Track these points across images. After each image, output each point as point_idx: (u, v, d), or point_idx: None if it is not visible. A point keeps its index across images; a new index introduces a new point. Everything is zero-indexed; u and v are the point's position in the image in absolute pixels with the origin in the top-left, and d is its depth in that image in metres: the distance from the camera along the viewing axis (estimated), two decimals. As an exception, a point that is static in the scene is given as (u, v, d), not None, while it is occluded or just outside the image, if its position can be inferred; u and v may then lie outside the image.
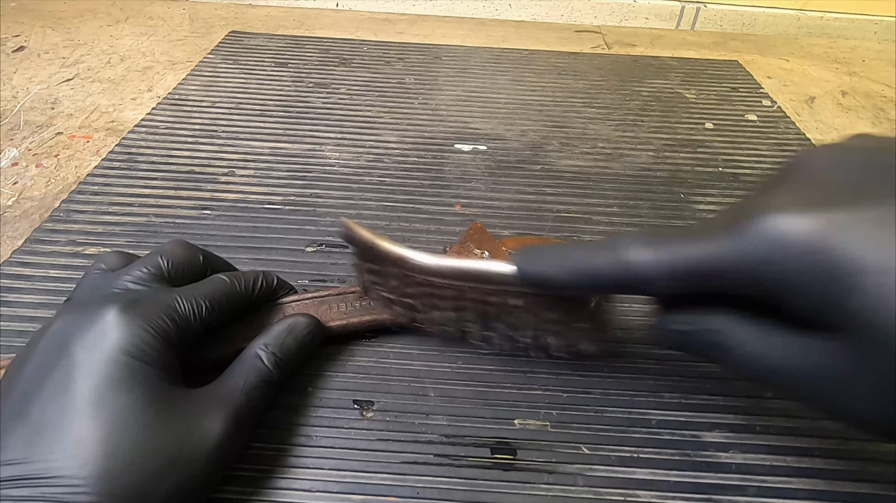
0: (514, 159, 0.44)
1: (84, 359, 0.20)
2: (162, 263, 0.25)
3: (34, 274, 0.32)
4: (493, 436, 0.25)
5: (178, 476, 0.19)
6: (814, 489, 0.23)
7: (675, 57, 0.63)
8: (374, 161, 0.43)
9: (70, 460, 0.18)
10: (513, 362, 0.28)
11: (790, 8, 0.71)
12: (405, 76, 0.56)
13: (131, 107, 0.50)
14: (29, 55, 0.58)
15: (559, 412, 0.26)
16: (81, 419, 0.19)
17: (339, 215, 0.37)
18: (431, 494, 0.23)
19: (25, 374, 0.20)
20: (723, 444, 0.25)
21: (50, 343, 0.21)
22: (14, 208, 0.38)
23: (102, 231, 0.35)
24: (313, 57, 0.58)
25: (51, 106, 0.50)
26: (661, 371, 0.28)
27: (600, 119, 0.50)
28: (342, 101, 0.51)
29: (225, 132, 0.45)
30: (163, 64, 0.58)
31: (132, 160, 0.42)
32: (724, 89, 0.56)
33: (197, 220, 0.36)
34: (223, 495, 0.22)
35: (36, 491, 0.17)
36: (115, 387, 0.19)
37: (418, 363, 0.28)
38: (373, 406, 0.26)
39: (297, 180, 0.40)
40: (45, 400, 0.19)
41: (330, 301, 0.28)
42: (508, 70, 0.58)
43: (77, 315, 0.21)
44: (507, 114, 0.50)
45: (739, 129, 0.49)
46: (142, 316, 0.21)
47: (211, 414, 0.21)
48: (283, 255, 0.34)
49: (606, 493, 0.23)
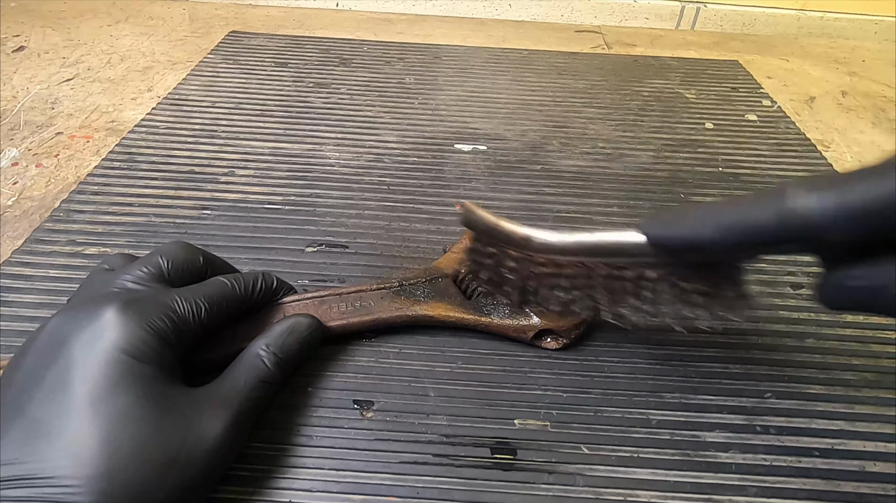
0: (514, 159, 0.44)
1: (81, 357, 0.20)
2: (162, 263, 0.25)
3: (34, 274, 0.32)
4: (493, 436, 0.25)
5: (178, 475, 0.19)
6: (814, 489, 0.23)
7: (675, 57, 0.63)
8: (374, 161, 0.43)
9: (68, 460, 0.18)
10: (513, 362, 0.28)
11: (790, 8, 0.71)
12: (405, 76, 0.56)
13: (131, 107, 0.50)
14: (29, 55, 0.58)
15: (559, 412, 0.26)
16: (79, 418, 0.19)
17: (339, 215, 0.37)
18: (431, 494, 0.23)
19: (23, 373, 0.20)
20: (723, 444, 0.25)
21: (47, 341, 0.21)
22: (14, 208, 0.38)
23: (102, 231, 0.35)
24: (313, 57, 0.58)
25: (51, 106, 0.50)
26: (661, 371, 0.28)
27: (600, 119, 0.50)
28: (342, 101, 0.51)
29: (225, 132, 0.45)
30: (163, 64, 0.58)
31: (132, 160, 0.42)
32: (724, 89, 0.56)
33: (197, 220, 0.36)
34: (224, 495, 0.22)
35: (33, 491, 0.17)
36: (113, 387, 0.19)
37: (418, 363, 0.28)
38: (373, 406, 0.26)
39: (298, 180, 0.40)
40: (43, 398, 0.19)
41: (330, 301, 0.28)
42: (508, 70, 0.58)
43: (74, 313, 0.21)
44: (507, 114, 0.50)
45: (739, 129, 0.49)
46: (140, 315, 0.21)
47: (210, 413, 0.21)
48: (283, 255, 0.34)
49: (606, 493, 0.23)
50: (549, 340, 0.28)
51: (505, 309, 0.28)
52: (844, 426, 0.26)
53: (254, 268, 0.32)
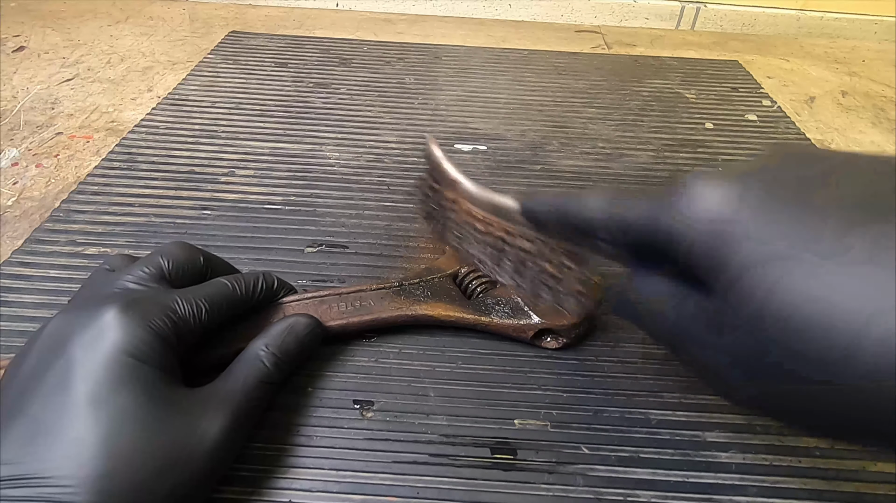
0: (514, 159, 0.44)
1: (82, 358, 0.20)
2: (163, 264, 0.25)
3: (34, 274, 0.32)
4: (493, 436, 0.25)
5: (178, 475, 0.19)
6: (814, 489, 0.23)
7: (675, 57, 0.63)
8: (374, 161, 0.43)
9: (68, 460, 0.18)
10: (513, 362, 0.28)
11: (790, 8, 0.71)
12: (405, 76, 0.56)
13: (131, 107, 0.50)
14: (29, 55, 0.58)
15: (559, 412, 0.26)
16: (80, 419, 0.19)
17: (339, 215, 0.37)
18: (431, 494, 0.23)
19: (23, 373, 0.20)
20: (723, 444, 0.25)
21: (48, 342, 0.21)
22: (14, 208, 0.38)
23: (102, 231, 0.35)
24: (313, 57, 0.58)
25: (51, 106, 0.50)
26: (661, 371, 0.28)
27: (600, 119, 0.50)
28: (342, 101, 0.51)
29: (225, 132, 0.45)
30: (163, 64, 0.58)
31: (132, 160, 0.42)
32: (724, 89, 0.56)
33: (197, 220, 0.36)
34: (224, 495, 0.22)
35: (34, 491, 0.17)
36: (114, 387, 0.19)
37: (418, 363, 0.28)
38: (373, 406, 0.26)
39: (298, 180, 0.40)
40: (43, 399, 0.19)
41: (330, 301, 0.28)
42: (508, 70, 0.58)
43: (76, 314, 0.21)
44: (507, 114, 0.50)
45: (739, 129, 0.49)
46: (141, 315, 0.21)
47: (210, 413, 0.21)
48: (283, 255, 0.34)
49: (606, 493, 0.23)
50: (549, 340, 0.28)
51: (505, 309, 0.28)
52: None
53: (254, 269, 0.32)
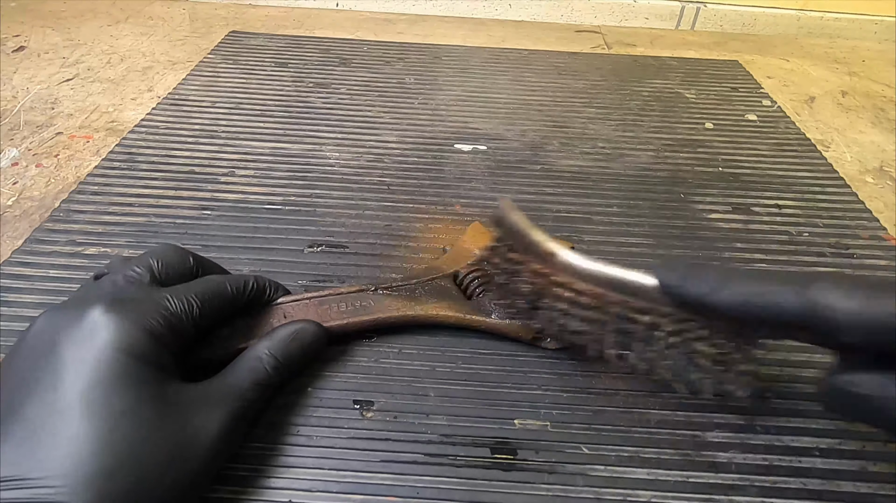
0: (514, 159, 0.44)
1: (73, 357, 0.20)
2: (153, 264, 0.25)
3: (34, 274, 0.32)
4: (493, 436, 0.25)
5: (175, 473, 0.19)
6: (814, 489, 0.23)
7: (675, 57, 0.63)
8: (374, 161, 0.43)
9: (64, 460, 0.18)
10: (513, 362, 0.28)
11: (790, 8, 0.71)
12: (405, 76, 0.56)
13: (131, 107, 0.50)
14: (29, 55, 0.58)
15: (559, 412, 0.26)
16: (74, 418, 0.18)
17: (339, 215, 0.37)
18: (431, 494, 0.23)
19: (14, 374, 0.20)
20: (723, 444, 0.25)
21: (36, 342, 0.20)
22: (14, 208, 0.38)
23: (102, 231, 0.35)
24: (313, 57, 0.58)
25: (51, 106, 0.50)
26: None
27: (600, 119, 0.50)
28: (342, 101, 0.51)
29: (225, 132, 0.45)
30: (163, 64, 0.58)
31: (132, 160, 0.42)
32: (724, 89, 0.56)
33: (197, 220, 0.36)
34: (223, 495, 0.22)
35: (30, 492, 0.17)
36: (108, 385, 0.19)
37: (418, 363, 0.28)
38: (373, 406, 0.26)
39: (298, 180, 0.40)
40: (37, 399, 0.19)
41: (330, 301, 0.28)
42: (508, 70, 0.58)
43: (62, 312, 0.21)
44: (507, 114, 0.50)
45: (739, 129, 0.49)
46: (133, 313, 0.21)
47: (207, 411, 0.21)
48: (283, 256, 0.34)
49: (606, 493, 0.23)
50: (550, 340, 0.28)
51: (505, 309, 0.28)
52: (844, 426, 0.26)
53: (254, 269, 0.32)
